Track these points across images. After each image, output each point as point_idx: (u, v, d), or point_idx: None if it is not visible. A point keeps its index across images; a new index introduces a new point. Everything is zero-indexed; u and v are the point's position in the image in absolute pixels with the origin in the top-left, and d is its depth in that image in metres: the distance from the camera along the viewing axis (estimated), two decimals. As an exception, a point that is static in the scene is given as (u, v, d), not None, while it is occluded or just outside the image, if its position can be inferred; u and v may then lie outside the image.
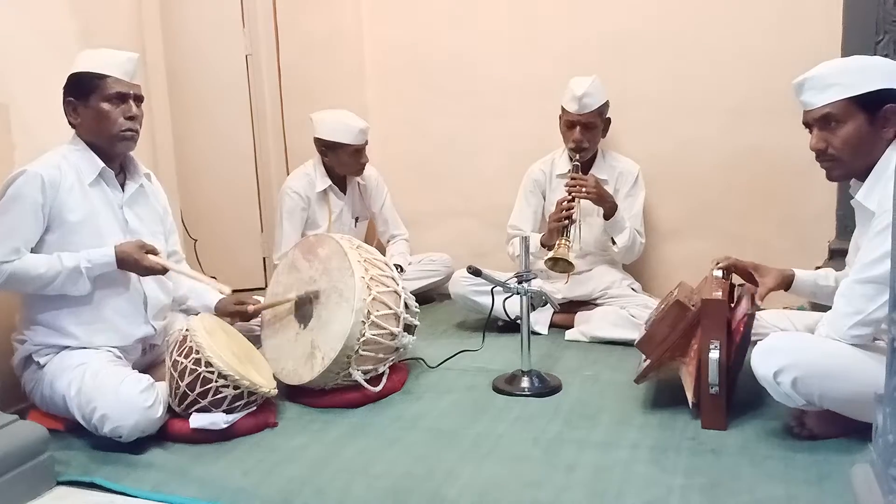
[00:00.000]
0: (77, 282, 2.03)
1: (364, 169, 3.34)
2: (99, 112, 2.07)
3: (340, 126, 3.20)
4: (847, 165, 1.88)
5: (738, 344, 1.99)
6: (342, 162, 3.27)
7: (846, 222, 2.69)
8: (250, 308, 2.37)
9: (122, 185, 2.20)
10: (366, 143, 3.26)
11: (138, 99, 2.13)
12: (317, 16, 3.68)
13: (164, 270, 2.13)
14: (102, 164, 2.12)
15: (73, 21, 2.46)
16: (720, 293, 2.01)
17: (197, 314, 2.24)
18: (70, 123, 2.12)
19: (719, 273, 2.18)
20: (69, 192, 2.05)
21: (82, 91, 2.08)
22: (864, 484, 1.26)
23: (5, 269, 1.98)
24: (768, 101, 3.00)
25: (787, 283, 2.13)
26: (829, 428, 1.86)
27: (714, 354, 1.93)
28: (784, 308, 2.48)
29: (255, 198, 3.80)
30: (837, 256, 2.57)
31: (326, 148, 3.24)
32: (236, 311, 2.36)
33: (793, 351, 1.80)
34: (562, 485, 1.73)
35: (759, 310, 2.19)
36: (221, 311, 2.37)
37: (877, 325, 1.74)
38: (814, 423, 1.88)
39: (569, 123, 2.98)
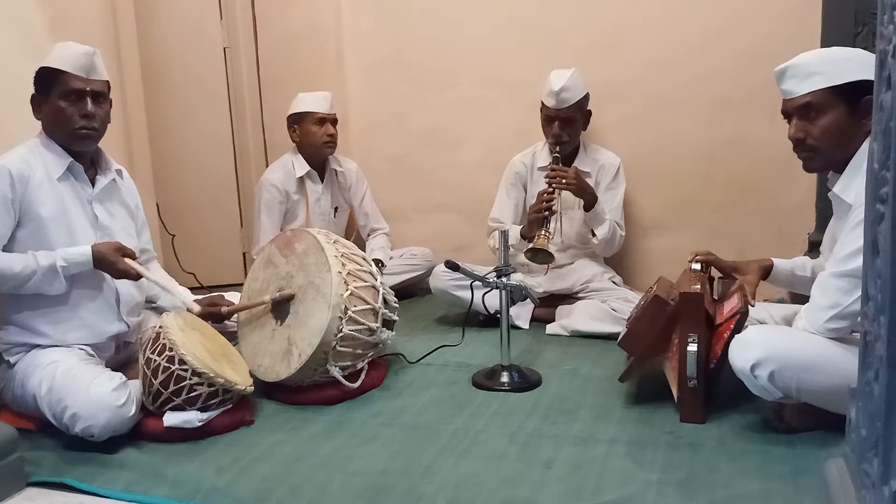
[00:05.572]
0: (53, 281, 2.00)
1: (334, 142, 3.32)
2: (56, 109, 2.03)
3: (304, 97, 3.28)
4: (825, 156, 1.87)
5: (727, 341, 1.96)
6: (310, 132, 3.26)
7: (826, 215, 2.67)
8: (223, 310, 2.31)
9: (93, 181, 2.16)
10: (332, 115, 3.28)
11: (98, 95, 2.07)
12: (295, 8, 3.65)
13: (137, 277, 2.09)
14: (70, 159, 2.08)
15: (43, 11, 2.41)
16: (698, 286, 2.00)
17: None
18: (36, 118, 2.08)
19: (697, 266, 2.18)
20: (39, 187, 2.01)
21: (44, 87, 2.04)
22: (838, 478, 1.25)
23: (-22, 267, 1.94)
24: (748, 94, 3.00)
25: (766, 272, 2.14)
26: (808, 421, 1.86)
27: (692, 347, 1.92)
28: (764, 301, 2.48)
29: (235, 192, 3.77)
30: (817, 249, 2.57)
31: (295, 123, 3.28)
32: (209, 313, 2.29)
33: (770, 344, 1.78)
34: (539, 481, 1.72)
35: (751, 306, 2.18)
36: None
37: (853, 319, 1.74)
38: (792, 417, 1.88)
39: (548, 118, 2.96)
